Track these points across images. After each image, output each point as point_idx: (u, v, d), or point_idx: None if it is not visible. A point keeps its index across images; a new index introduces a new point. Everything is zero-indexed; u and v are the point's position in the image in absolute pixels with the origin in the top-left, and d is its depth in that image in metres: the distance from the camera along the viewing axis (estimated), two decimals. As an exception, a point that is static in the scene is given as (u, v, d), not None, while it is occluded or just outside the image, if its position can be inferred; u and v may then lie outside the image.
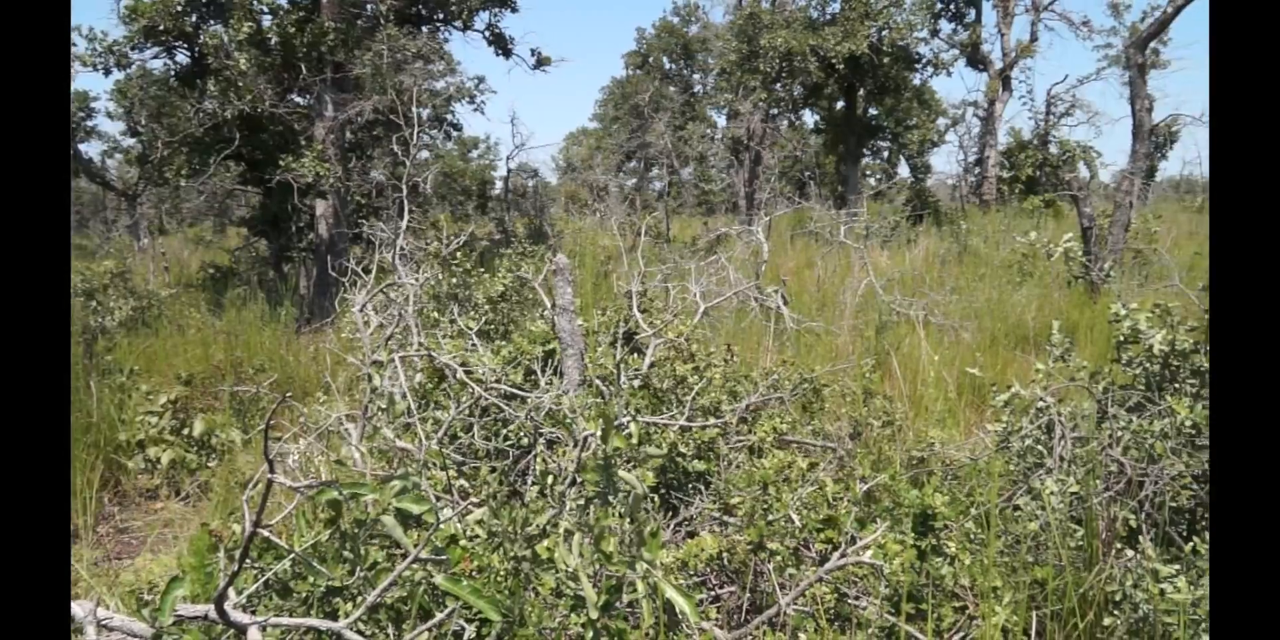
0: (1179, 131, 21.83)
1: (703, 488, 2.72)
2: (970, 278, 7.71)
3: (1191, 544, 2.11)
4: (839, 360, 4.46)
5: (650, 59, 31.00)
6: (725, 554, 2.13)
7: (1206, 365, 2.62)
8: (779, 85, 17.88)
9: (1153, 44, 23.41)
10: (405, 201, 4.12)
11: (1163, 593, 1.99)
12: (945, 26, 20.77)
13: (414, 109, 4.72)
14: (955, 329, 5.71)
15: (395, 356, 2.82)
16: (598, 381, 3.07)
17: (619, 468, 1.80)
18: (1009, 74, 20.94)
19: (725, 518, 2.42)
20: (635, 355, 3.49)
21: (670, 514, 2.70)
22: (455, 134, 16.36)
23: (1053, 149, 20.21)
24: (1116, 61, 20.78)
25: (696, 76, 31.06)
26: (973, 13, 20.83)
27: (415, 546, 1.49)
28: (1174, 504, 2.39)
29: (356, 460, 2.56)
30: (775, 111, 19.04)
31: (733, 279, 6.09)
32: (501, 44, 11.48)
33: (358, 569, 1.55)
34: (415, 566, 1.52)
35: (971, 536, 2.27)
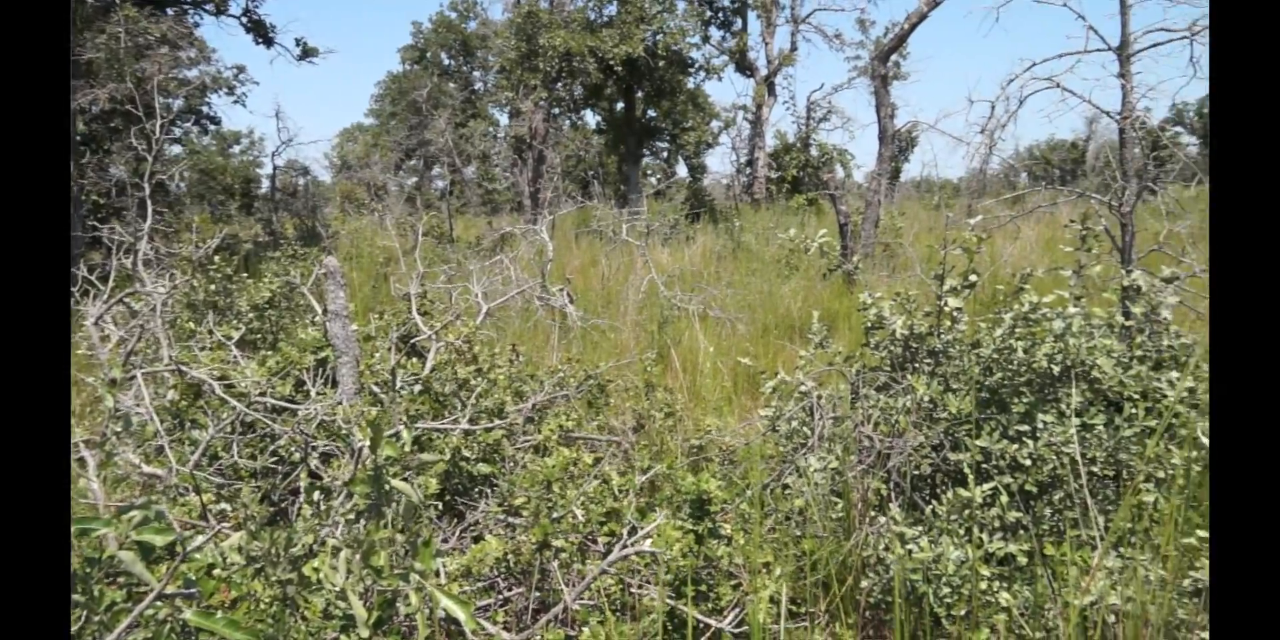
0: (918, 137, 24.30)
1: (489, 491, 2.69)
2: (744, 272, 8.16)
3: (930, 507, 2.36)
4: (623, 356, 4.56)
5: (428, 54, 30.18)
6: (511, 555, 2.11)
7: (940, 346, 2.93)
8: (559, 85, 18.01)
9: (894, 57, 25.84)
10: (149, 201, 3.74)
11: (909, 553, 2.20)
12: (715, 34, 21.85)
13: (157, 98, 4.30)
14: (731, 321, 6.02)
15: (138, 373, 2.55)
16: (374, 389, 2.95)
17: (394, 477, 1.73)
18: (773, 80, 22.37)
19: (511, 519, 2.40)
20: (415, 360, 3.38)
21: (456, 520, 2.64)
22: (213, 128, 15.08)
23: (814, 151, 21.83)
24: (864, 72, 22.78)
25: (477, 74, 30.62)
26: (739, 22, 22.05)
27: (160, 581, 1.35)
28: (917, 472, 2.66)
29: (95, 492, 2.29)
30: (557, 111, 19.16)
31: (517, 278, 6.06)
32: (261, 31, 10.73)
33: (91, 614, 1.39)
34: (161, 603, 1.38)
35: (746, 516, 2.41)
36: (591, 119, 22.74)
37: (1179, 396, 2.70)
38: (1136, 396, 2.73)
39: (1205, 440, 2.61)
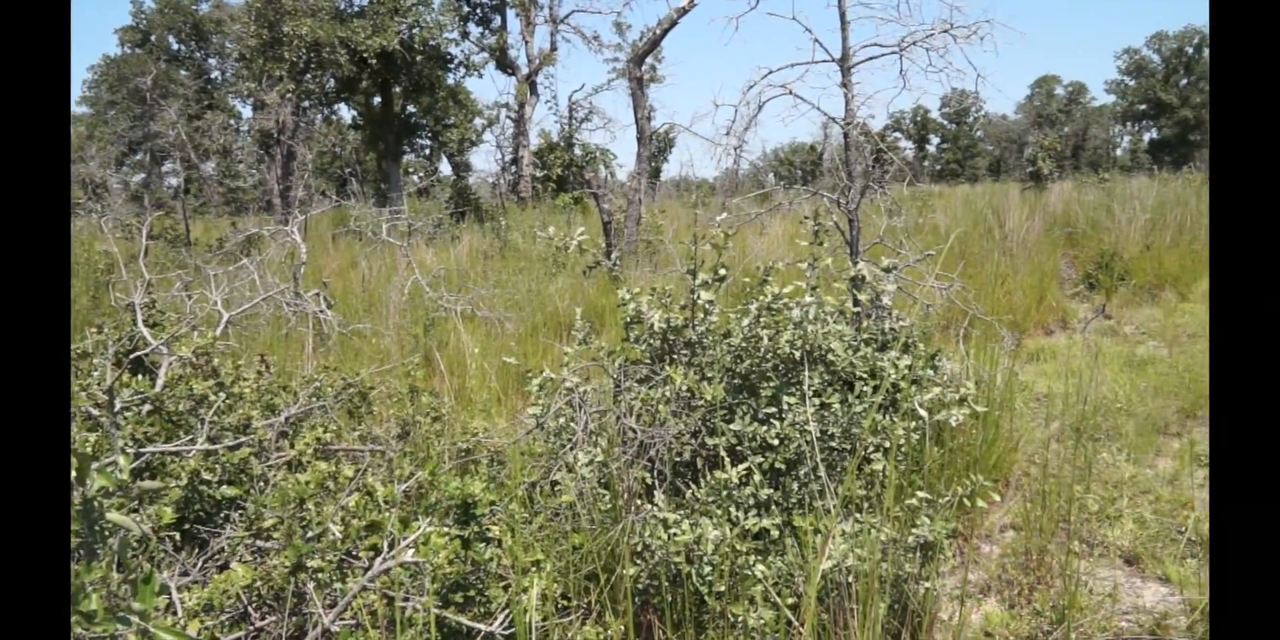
0: (675, 138, 25.38)
1: (235, 515, 2.47)
2: (511, 271, 8.13)
3: (691, 491, 2.47)
4: (386, 361, 4.38)
5: (153, 37, 27.24)
6: (261, 582, 1.96)
7: (695, 337, 3.08)
8: (309, 76, 16.95)
9: (649, 60, 26.74)
10: None
11: (672, 537, 2.29)
12: (474, 30, 21.53)
13: None
14: (500, 321, 5.97)
15: None
16: (92, 411, 2.61)
17: (116, 509, 1.54)
18: (535, 79, 22.44)
19: (261, 543, 2.22)
20: (143, 377, 3.04)
21: (199, 550, 2.41)
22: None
23: (577, 151, 22.16)
24: (622, 74, 23.45)
25: (213, 61, 28.09)
26: (498, 19, 21.88)
27: None
28: (679, 458, 2.78)
29: None
30: (307, 104, 18.02)
31: (266, 284, 5.63)
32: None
33: None
34: None
35: (515, 516, 2.39)
36: (347, 114, 21.63)
37: (900, 374, 3.01)
38: (865, 376, 3.02)
39: (923, 412, 2.95)
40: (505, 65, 22.25)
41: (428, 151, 26.05)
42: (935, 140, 58.06)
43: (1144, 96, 48.59)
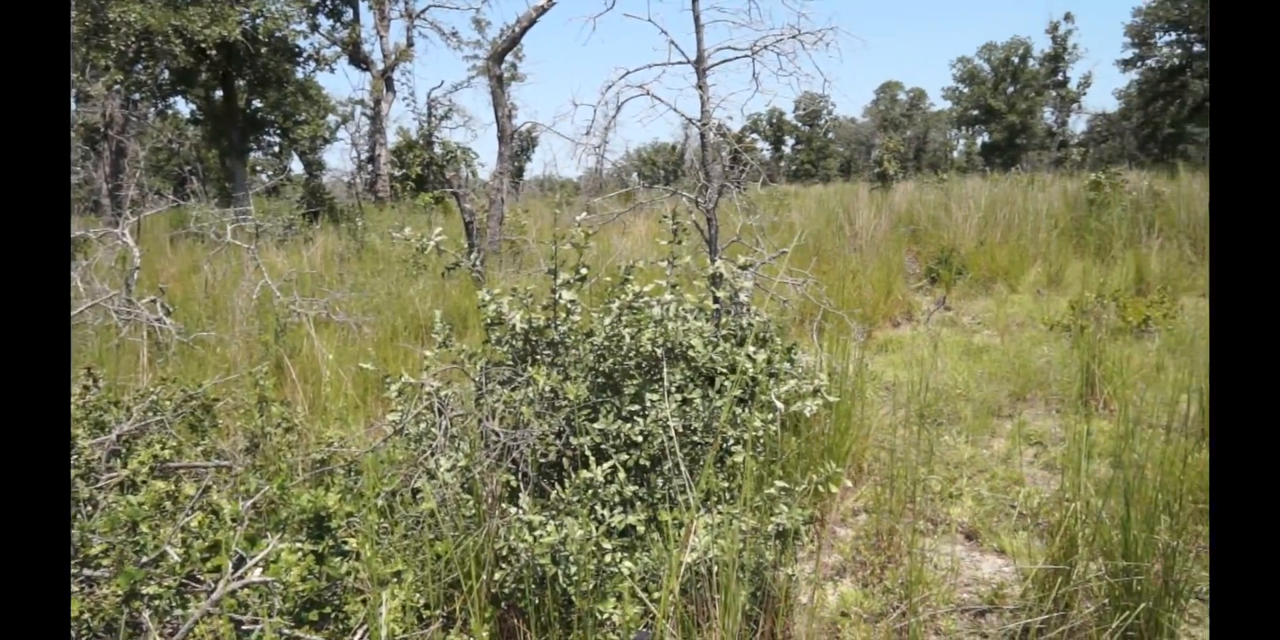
0: (538, 137, 25.21)
1: (59, 542, 2.27)
2: (369, 274, 7.86)
3: (555, 492, 2.46)
4: (232, 371, 4.14)
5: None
6: (89, 614, 1.81)
7: (558, 337, 3.07)
8: (139, 67, 15.79)
9: (509, 58, 26.44)
10: None
11: (537, 539, 2.28)
12: (324, 22, 20.66)
13: None
14: (357, 326, 5.76)
15: None
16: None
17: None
18: (391, 75, 21.76)
19: (90, 572, 2.05)
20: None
21: (16, 583, 2.20)
22: None
23: (437, 149, 21.66)
24: (482, 71, 23.09)
25: (27, 48, 25.72)
26: (350, 12, 21.08)
27: None
28: (544, 460, 2.76)
29: None
30: (139, 97, 16.78)
31: (93, 290, 5.21)
32: None
33: None
34: None
35: (375, 527, 2.31)
36: (184, 107, 20.29)
37: (758, 368, 3.11)
38: (725, 370, 3.09)
39: (779, 404, 3.05)
40: (359, 60, 21.46)
41: (277, 149, 24.79)
42: (790, 141, 60.30)
43: (976, 103, 52.16)
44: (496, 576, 2.30)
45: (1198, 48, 37.89)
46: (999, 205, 11.14)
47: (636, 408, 2.84)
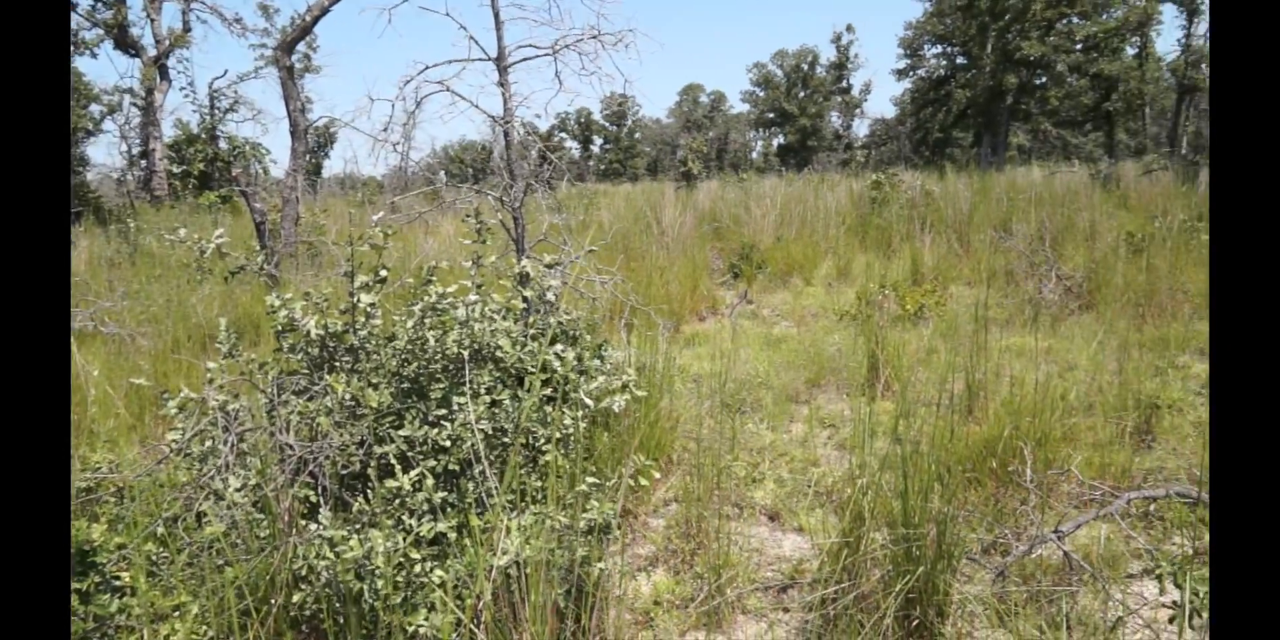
0: (336, 133, 24.02)
1: None
2: (145, 280, 7.17)
3: (357, 504, 2.36)
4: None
5: None
6: None
7: (358, 342, 2.93)
8: None
9: (302, 49, 25.00)
10: None
11: (339, 555, 2.17)
12: (84, 2, 18.61)
13: None
14: (131, 337, 5.24)
15: None
16: None
17: None
18: (165, 63, 19.95)
19: None
20: None
21: None
22: None
23: (222, 144, 20.12)
24: (271, 62, 21.67)
25: None
26: (112, -9, 19.14)
27: None
28: (345, 471, 2.63)
29: None
30: None
31: None
32: None
33: None
34: None
35: (151, 558, 2.12)
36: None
37: (569, 366, 3.12)
38: (534, 370, 3.08)
39: (589, 401, 3.08)
40: (127, 45, 19.51)
41: (29, 142, 22.04)
42: (599, 141, 61.08)
43: (771, 106, 55.15)
44: (295, 599, 2.17)
45: (961, 60, 41.98)
46: (794, 203, 11.83)
47: (444, 412, 2.77)
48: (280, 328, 2.89)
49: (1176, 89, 36.73)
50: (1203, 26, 35.01)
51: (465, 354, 2.91)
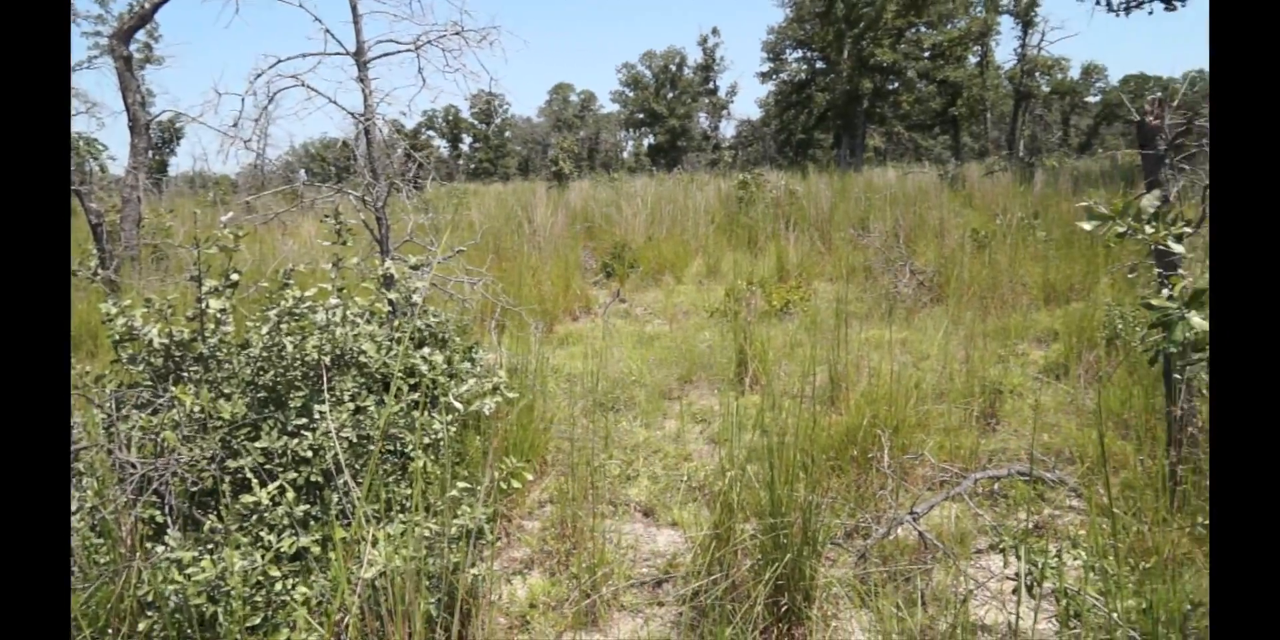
0: (182, 128, 22.57)
1: None
2: (-37, 287, 6.52)
3: (208, 522, 2.23)
4: None
5: None
6: None
7: (207, 351, 2.77)
8: None
9: (142, 38, 23.37)
10: None
11: (190, 577, 2.04)
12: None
13: None
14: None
15: None
16: None
17: None
18: (-19, 50, 18.23)
19: None
20: None
21: None
22: None
23: (53, 139, 18.58)
24: (107, 51, 20.15)
25: None
26: (-85, -31, 17.31)
27: None
28: (195, 488, 2.48)
29: None
30: None
31: None
32: None
33: None
34: None
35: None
36: None
37: (438, 370, 3.05)
38: (401, 375, 3.00)
39: (458, 405, 3.02)
40: (-66, 29, 17.67)
41: None
42: (468, 140, 60.04)
43: (641, 106, 55.73)
44: (141, 627, 2.03)
45: (820, 64, 43.67)
46: (664, 203, 12.00)
47: (304, 421, 2.65)
48: (118, 337, 2.69)
49: (1014, 96, 39.50)
50: (1036, 38, 37.80)
51: (326, 360, 2.80)
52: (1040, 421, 4.25)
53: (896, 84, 40.19)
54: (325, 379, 2.83)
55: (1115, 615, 1.95)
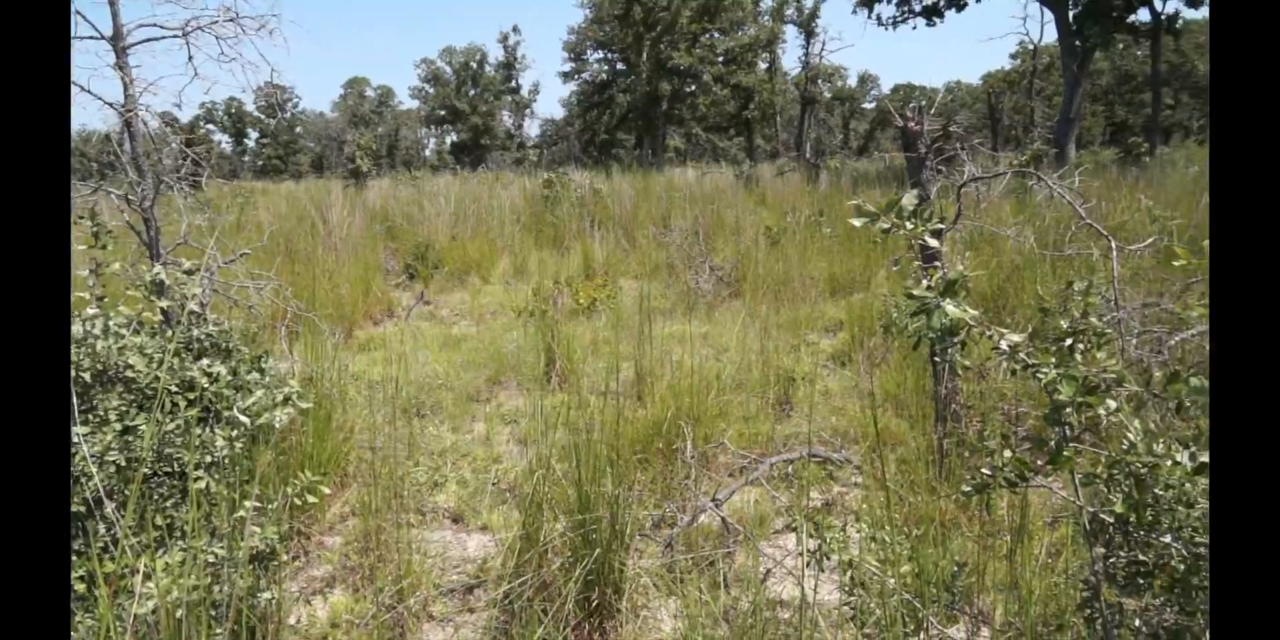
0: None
1: None
2: None
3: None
4: None
5: None
6: None
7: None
8: None
9: None
10: None
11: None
12: None
13: None
14: None
15: None
16: None
17: None
18: None
19: None
20: None
21: None
22: None
23: None
24: None
25: None
26: None
27: None
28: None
29: None
30: None
31: None
32: None
33: None
34: None
35: None
36: None
37: (223, 382, 2.83)
38: (177, 389, 2.76)
39: (244, 419, 2.82)
40: None
41: None
42: (254, 134, 56.14)
43: (442, 103, 54.40)
44: None
45: (620, 66, 44.50)
46: (469, 202, 11.79)
47: (59, 446, 2.38)
48: None
49: (800, 101, 42.13)
50: (817, 47, 40.49)
51: (87, 377, 2.53)
52: (829, 406, 4.57)
53: (694, 87, 41.71)
54: (87, 397, 2.55)
55: (892, 581, 2.13)
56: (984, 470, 1.96)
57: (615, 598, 2.55)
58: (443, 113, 54.82)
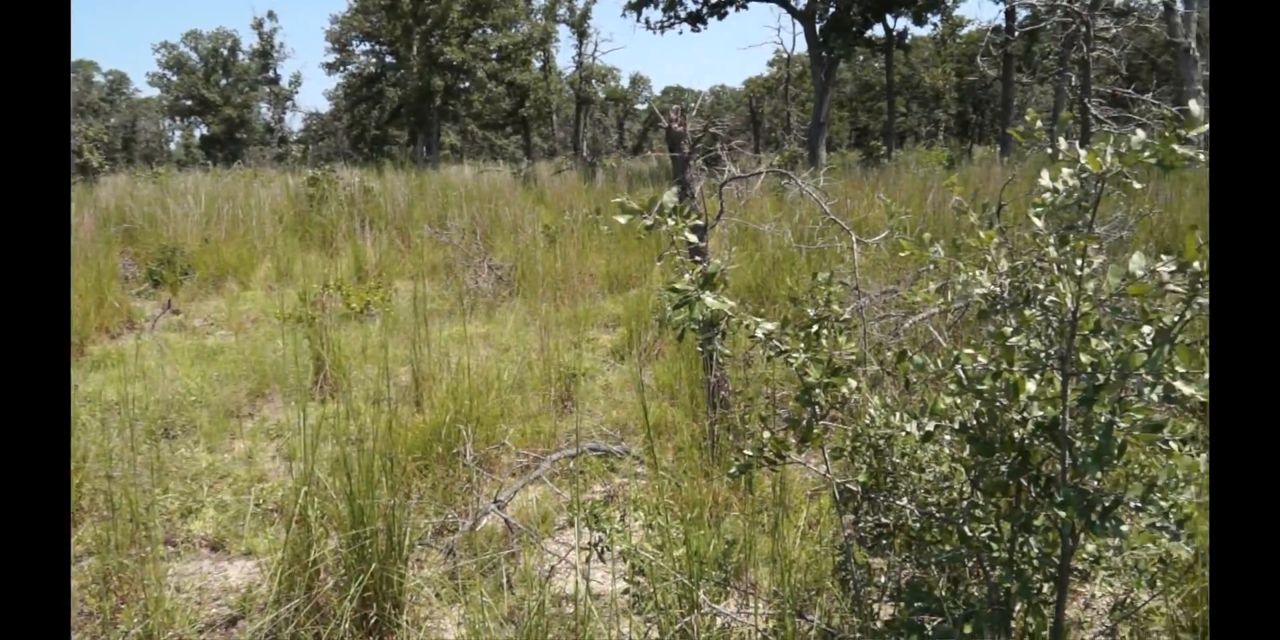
0: None
1: None
2: None
3: None
4: None
5: None
6: None
7: None
8: None
9: None
10: None
11: None
12: None
13: None
14: None
15: None
16: None
17: None
18: None
19: None
20: None
21: None
22: None
23: None
24: None
25: None
26: None
27: None
28: None
29: None
30: None
31: None
32: None
33: None
34: None
35: None
36: None
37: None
38: None
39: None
40: None
41: None
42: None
43: (188, 92, 49.64)
44: None
45: (390, 59, 42.79)
46: (223, 201, 10.86)
47: None
48: None
49: (575, 100, 42.63)
50: (590, 47, 41.15)
51: None
52: (609, 400, 4.66)
53: (468, 83, 40.98)
54: None
55: (667, 565, 2.21)
56: (746, 452, 2.08)
57: (395, 612, 2.45)
58: (189, 103, 50.04)
